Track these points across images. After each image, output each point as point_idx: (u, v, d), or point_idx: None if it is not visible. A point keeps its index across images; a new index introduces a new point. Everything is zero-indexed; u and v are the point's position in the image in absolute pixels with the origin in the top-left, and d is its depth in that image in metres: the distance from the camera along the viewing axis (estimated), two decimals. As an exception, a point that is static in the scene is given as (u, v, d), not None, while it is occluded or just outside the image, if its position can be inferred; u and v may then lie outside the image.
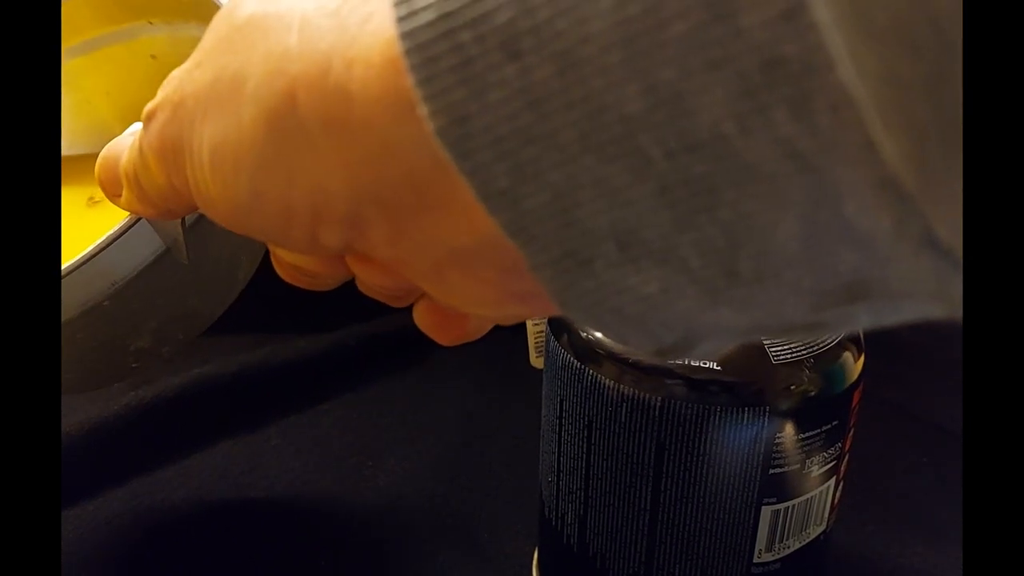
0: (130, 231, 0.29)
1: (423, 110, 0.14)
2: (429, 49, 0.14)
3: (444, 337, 0.22)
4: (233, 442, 0.50)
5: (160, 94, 0.20)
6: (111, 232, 0.29)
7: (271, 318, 0.60)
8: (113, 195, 0.24)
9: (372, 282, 0.21)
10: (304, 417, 0.53)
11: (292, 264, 0.22)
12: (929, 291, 0.14)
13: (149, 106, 0.20)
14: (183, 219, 0.29)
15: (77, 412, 0.49)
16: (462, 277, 0.18)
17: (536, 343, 0.43)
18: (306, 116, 0.16)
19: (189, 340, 0.36)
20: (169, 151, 0.20)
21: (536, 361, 0.54)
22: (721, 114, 0.12)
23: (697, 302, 0.15)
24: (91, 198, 0.38)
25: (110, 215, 0.29)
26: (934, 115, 0.11)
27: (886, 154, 0.12)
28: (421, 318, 0.22)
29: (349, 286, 0.22)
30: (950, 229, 0.12)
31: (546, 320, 0.35)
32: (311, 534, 0.44)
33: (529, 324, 0.42)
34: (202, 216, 0.20)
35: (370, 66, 0.15)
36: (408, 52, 0.14)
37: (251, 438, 0.51)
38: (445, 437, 0.51)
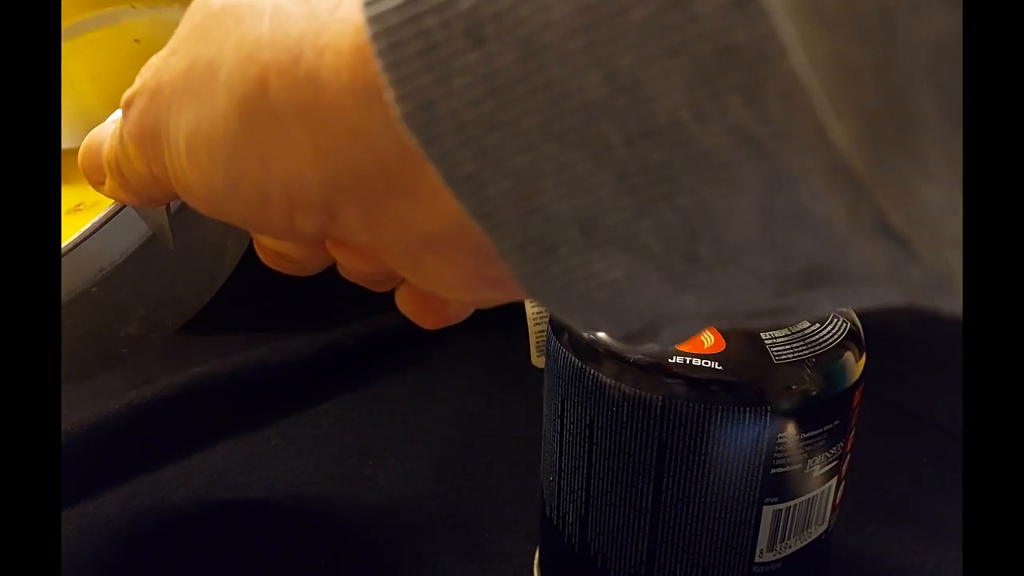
0: (115, 218, 0.29)
1: (389, 95, 0.14)
2: (395, 34, 0.14)
3: (426, 321, 0.22)
4: (233, 442, 0.50)
5: (138, 81, 0.20)
6: (96, 219, 0.29)
7: (270, 318, 0.60)
8: (96, 183, 0.24)
9: (351, 267, 0.21)
10: (304, 417, 0.53)
11: (273, 250, 0.22)
12: (885, 277, 0.14)
13: (127, 94, 0.20)
14: (168, 205, 0.29)
15: (77, 412, 0.49)
16: (436, 262, 0.18)
17: (537, 343, 0.43)
18: (278, 103, 0.16)
19: (177, 326, 0.36)
20: (147, 139, 0.20)
21: (537, 361, 0.54)
22: (678, 101, 0.13)
23: (661, 288, 0.15)
24: (79, 205, 0.38)
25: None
26: (884, 100, 0.11)
27: (837, 140, 0.12)
28: (403, 303, 0.22)
29: (347, 286, 0.22)
30: (902, 216, 0.12)
31: (547, 320, 0.35)
32: (311, 534, 0.44)
33: (530, 324, 0.42)
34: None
35: (339, 53, 0.15)
36: (375, 37, 0.14)
37: (251, 438, 0.51)
38: (445, 437, 0.51)
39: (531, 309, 0.42)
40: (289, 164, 0.17)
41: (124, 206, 0.29)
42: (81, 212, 0.37)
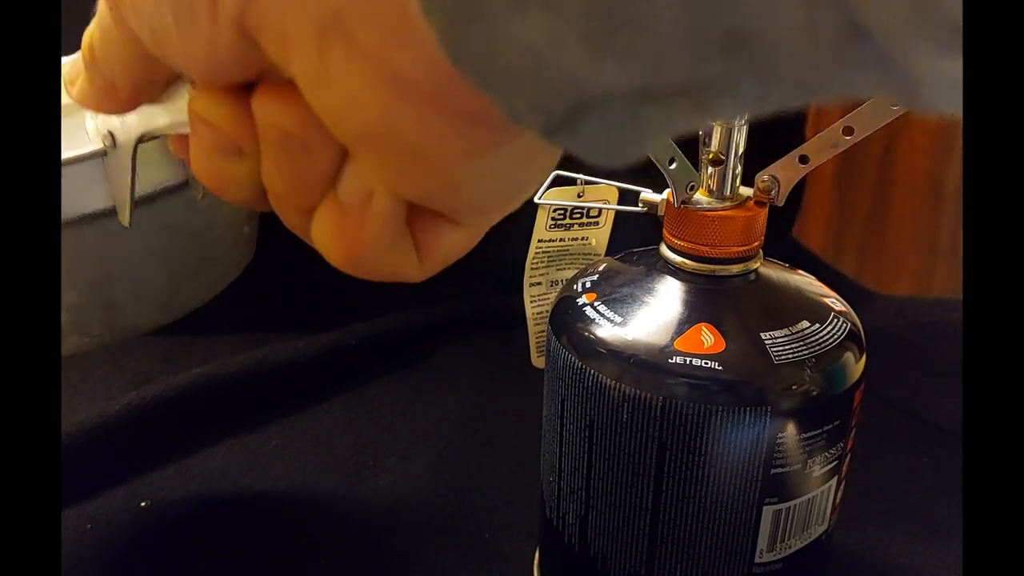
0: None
1: None
2: None
3: (340, 242, 0.21)
4: (233, 442, 0.50)
5: None
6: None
7: (271, 318, 0.60)
8: (69, 82, 0.24)
9: (274, 122, 0.20)
10: (304, 417, 0.53)
11: (204, 122, 0.21)
12: (810, 53, 0.13)
13: None
14: (133, 177, 0.28)
15: (77, 412, 0.49)
16: (344, 58, 0.17)
17: (537, 343, 0.43)
18: None
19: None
20: None
21: (537, 361, 0.54)
22: None
23: (581, 54, 0.15)
24: None
25: None
26: None
27: None
28: (320, 222, 0.21)
29: (348, 289, 0.22)
30: None
31: (548, 320, 0.35)
32: (311, 534, 0.44)
33: (530, 324, 0.42)
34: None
35: None
36: None
37: (251, 438, 0.51)
38: (445, 437, 0.51)
39: (531, 309, 0.42)
40: None
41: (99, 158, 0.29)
42: None
